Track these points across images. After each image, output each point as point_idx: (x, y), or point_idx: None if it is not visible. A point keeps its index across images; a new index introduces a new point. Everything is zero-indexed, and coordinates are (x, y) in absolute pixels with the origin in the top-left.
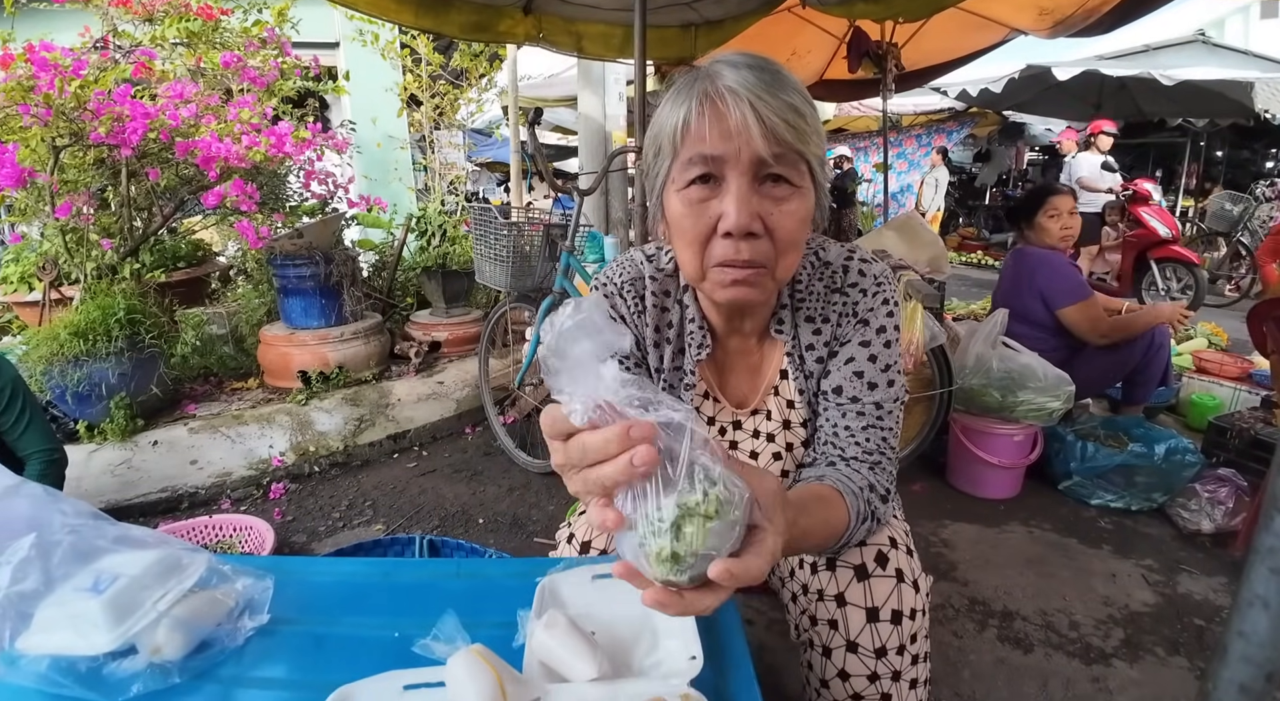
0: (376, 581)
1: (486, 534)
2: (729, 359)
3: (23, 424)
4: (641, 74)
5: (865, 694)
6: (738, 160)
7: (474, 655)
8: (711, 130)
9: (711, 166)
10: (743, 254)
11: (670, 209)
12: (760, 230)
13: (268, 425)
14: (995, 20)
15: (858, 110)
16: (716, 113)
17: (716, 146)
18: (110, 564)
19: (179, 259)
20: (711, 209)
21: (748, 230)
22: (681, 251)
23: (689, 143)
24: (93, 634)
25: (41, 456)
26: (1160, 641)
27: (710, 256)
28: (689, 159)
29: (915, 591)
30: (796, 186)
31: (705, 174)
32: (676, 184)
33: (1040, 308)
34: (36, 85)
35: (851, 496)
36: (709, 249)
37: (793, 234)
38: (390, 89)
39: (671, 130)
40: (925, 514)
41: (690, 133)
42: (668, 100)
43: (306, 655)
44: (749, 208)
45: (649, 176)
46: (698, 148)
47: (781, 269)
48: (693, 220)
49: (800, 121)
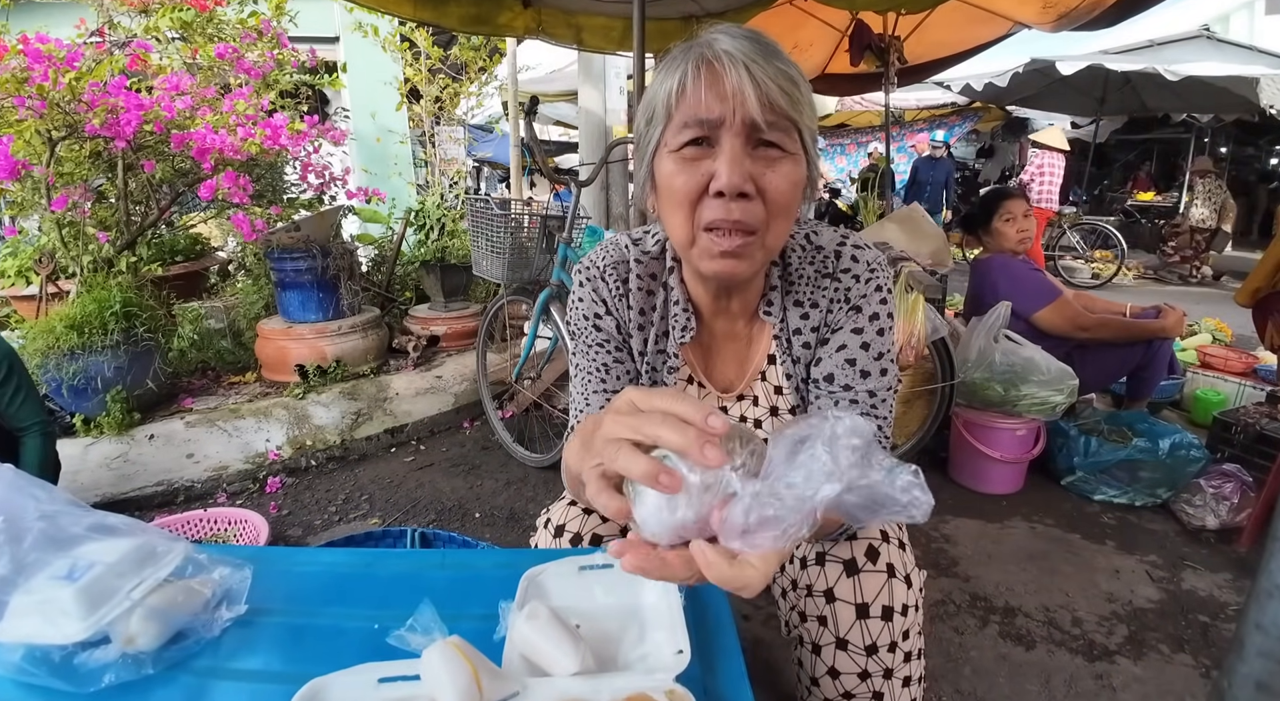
0: (359, 572)
1: (483, 528)
2: (715, 342)
3: (20, 396)
4: (640, 67)
5: (856, 692)
6: (732, 122)
7: (450, 647)
8: (708, 93)
9: (706, 129)
10: (733, 214)
11: (661, 171)
12: (752, 191)
13: (265, 419)
14: (999, 13)
15: (860, 105)
16: (713, 75)
17: (712, 109)
18: (86, 552)
19: (177, 253)
20: (704, 168)
21: (740, 190)
22: (671, 215)
23: (684, 106)
24: (64, 622)
25: (39, 428)
26: (1164, 638)
27: (700, 218)
28: (684, 122)
29: (907, 587)
30: (789, 152)
31: (699, 136)
32: (669, 146)
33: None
34: (31, 77)
35: None
36: (699, 210)
37: (785, 197)
38: (389, 83)
39: (666, 95)
40: None
41: (685, 96)
42: (662, 68)
43: (284, 646)
44: (741, 167)
45: (640, 147)
46: (693, 111)
47: (772, 236)
48: (684, 178)
49: (794, 89)
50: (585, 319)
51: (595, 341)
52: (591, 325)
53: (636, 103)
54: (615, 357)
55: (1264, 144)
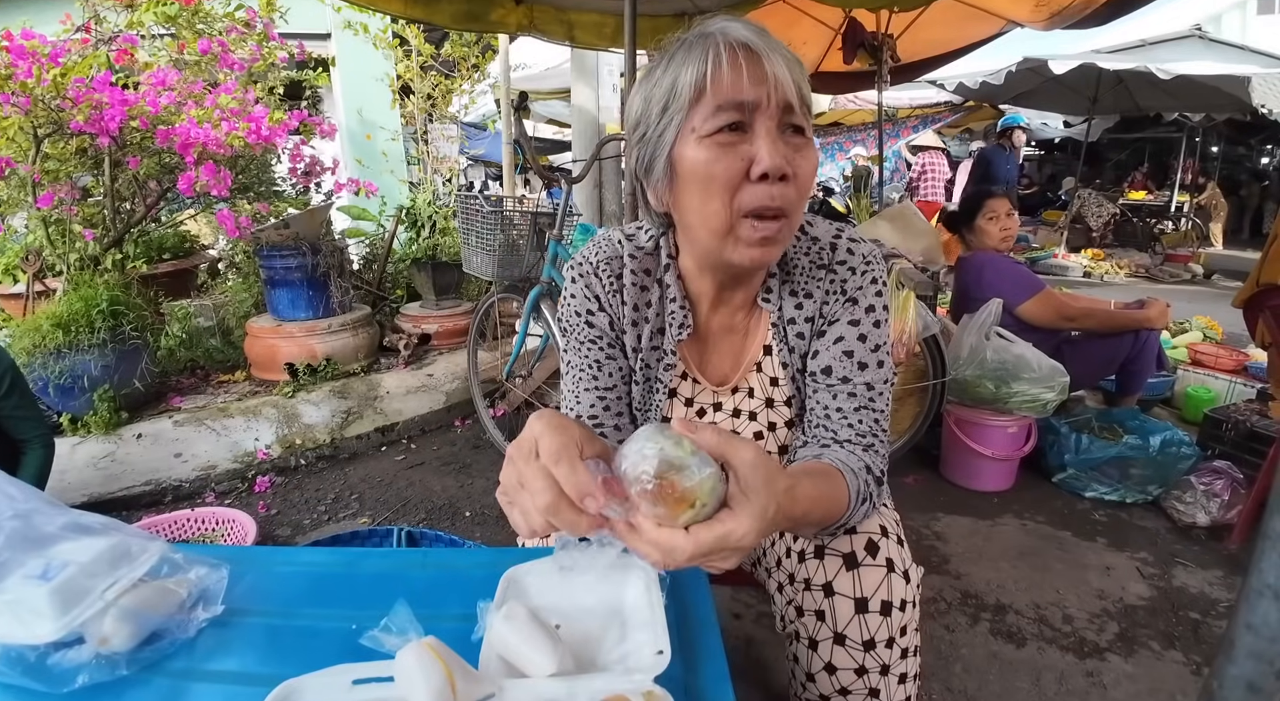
0: (339, 572)
1: (473, 527)
2: (710, 336)
3: (22, 409)
4: (633, 63)
5: (852, 688)
6: (768, 106)
7: (425, 648)
8: (745, 76)
9: (742, 113)
10: (776, 200)
11: (691, 159)
12: (791, 174)
13: (254, 418)
14: (991, 12)
15: (853, 103)
16: (751, 58)
17: (749, 92)
18: (60, 551)
19: (165, 250)
20: (741, 151)
21: (783, 171)
22: (705, 204)
23: (717, 90)
24: (37, 623)
25: (40, 440)
26: (1155, 635)
27: (740, 205)
28: (718, 106)
29: (906, 582)
30: (808, 137)
31: (736, 121)
32: (700, 132)
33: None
34: (15, 73)
35: (851, 475)
36: (738, 197)
37: (810, 180)
38: (381, 79)
39: (692, 81)
40: (918, 506)
41: (720, 80)
42: (669, 59)
43: (260, 647)
44: (780, 149)
45: (646, 141)
46: (729, 94)
47: (797, 219)
48: (725, 164)
49: (805, 81)
50: (577, 315)
51: (587, 338)
52: (584, 322)
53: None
54: (607, 354)
55: (1255, 143)
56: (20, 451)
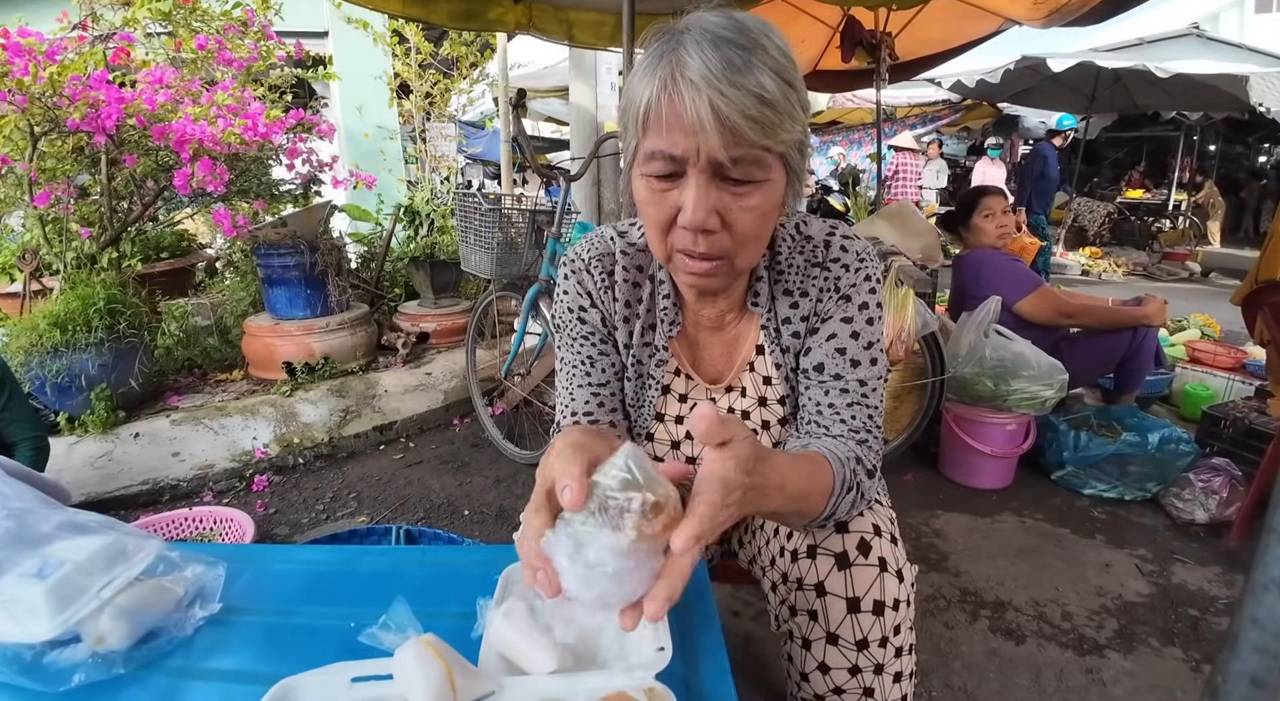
0: (336, 569)
1: (472, 525)
2: (702, 334)
3: (14, 412)
4: (630, 62)
5: (847, 687)
6: (696, 159)
7: (424, 645)
8: (672, 128)
9: (673, 165)
10: (700, 247)
11: (636, 189)
12: (717, 226)
13: (251, 417)
14: (989, 10)
15: (852, 102)
16: (675, 108)
17: (676, 145)
18: (56, 550)
19: (162, 249)
20: (671, 199)
21: (703, 227)
22: (649, 231)
23: (650, 134)
24: (32, 622)
25: (32, 442)
26: (1154, 632)
27: (672, 243)
28: (650, 152)
29: (899, 581)
30: (759, 181)
31: (668, 171)
32: (640, 168)
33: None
34: (11, 71)
35: (837, 462)
36: (670, 236)
37: (752, 228)
38: (379, 77)
39: (635, 112)
40: (917, 504)
41: (650, 123)
42: (640, 66)
43: (257, 645)
44: (705, 204)
45: (624, 148)
46: (657, 143)
47: (742, 259)
48: (654, 208)
49: (766, 112)
50: (570, 311)
51: (580, 334)
52: (576, 318)
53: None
54: (600, 350)
55: (1252, 141)
56: (10, 455)
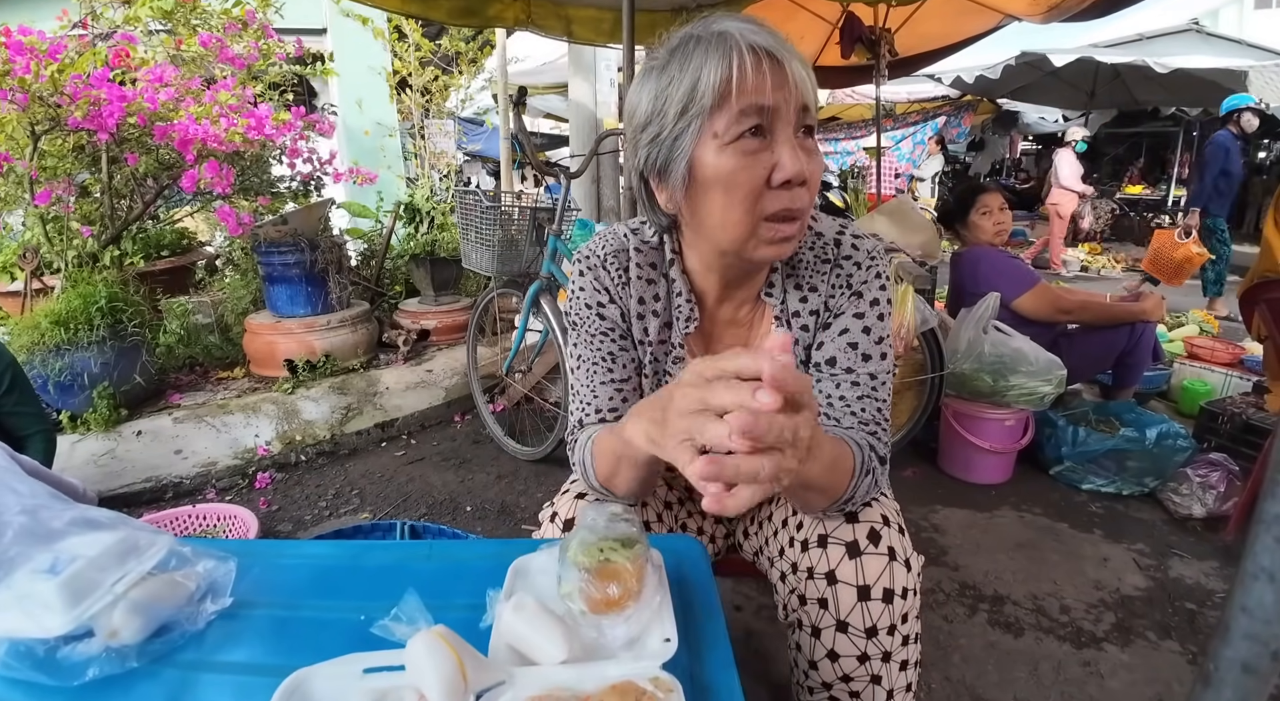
0: (345, 564)
1: (474, 521)
2: (716, 329)
3: (23, 405)
4: (630, 59)
5: (854, 675)
6: (788, 111)
7: (435, 636)
8: (767, 81)
9: (763, 117)
10: (798, 202)
11: (713, 166)
12: (805, 178)
13: (253, 414)
14: (989, 6)
15: (851, 98)
16: (773, 62)
17: (772, 97)
18: (68, 545)
19: (163, 247)
20: (764, 160)
21: (804, 177)
22: (728, 210)
23: (742, 94)
24: (46, 616)
25: (43, 435)
26: (1151, 625)
27: (762, 209)
28: (741, 110)
29: (907, 570)
30: (815, 140)
31: (757, 125)
32: (722, 138)
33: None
34: (12, 69)
35: (856, 447)
36: (760, 203)
37: (818, 181)
38: (379, 73)
39: (714, 85)
40: (916, 499)
41: (744, 84)
42: (685, 58)
43: (269, 639)
44: (800, 156)
45: (659, 143)
46: (753, 98)
47: (808, 214)
48: (749, 173)
49: (815, 83)
50: (588, 307)
51: (599, 330)
52: (595, 314)
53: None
54: (620, 346)
55: (1252, 137)
56: (22, 448)
